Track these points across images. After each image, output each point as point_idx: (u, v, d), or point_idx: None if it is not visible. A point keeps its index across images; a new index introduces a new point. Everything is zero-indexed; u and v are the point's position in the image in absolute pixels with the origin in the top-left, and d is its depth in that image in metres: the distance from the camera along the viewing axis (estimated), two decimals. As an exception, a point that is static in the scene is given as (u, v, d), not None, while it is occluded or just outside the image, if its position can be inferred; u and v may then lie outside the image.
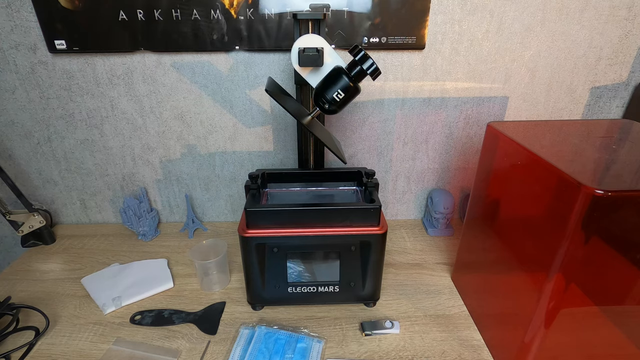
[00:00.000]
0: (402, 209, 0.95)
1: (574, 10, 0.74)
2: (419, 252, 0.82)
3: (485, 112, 0.83)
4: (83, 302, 0.69)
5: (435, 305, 0.68)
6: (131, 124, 0.82)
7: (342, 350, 0.59)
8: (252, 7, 0.71)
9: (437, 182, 0.92)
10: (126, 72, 0.77)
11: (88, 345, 0.60)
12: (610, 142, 0.52)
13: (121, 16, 0.71)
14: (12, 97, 0.79)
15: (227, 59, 0.76)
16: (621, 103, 0.84)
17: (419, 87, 0.80)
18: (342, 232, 0.60)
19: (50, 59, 0.75)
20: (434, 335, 0.62)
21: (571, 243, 0.40)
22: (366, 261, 0.62)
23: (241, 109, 0.81)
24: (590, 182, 0.38)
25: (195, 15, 0.71)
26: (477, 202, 0.64)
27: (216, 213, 0.94)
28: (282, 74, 0.78)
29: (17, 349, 0.58)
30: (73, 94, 0.79)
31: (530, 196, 0.49)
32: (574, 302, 0.45)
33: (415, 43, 0.75)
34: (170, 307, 0.67)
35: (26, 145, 0.84)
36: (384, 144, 0.86)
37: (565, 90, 0.82)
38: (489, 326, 0.61)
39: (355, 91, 0.56)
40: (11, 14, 0.71)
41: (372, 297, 0.67)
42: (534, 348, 0.48)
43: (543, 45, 0.77)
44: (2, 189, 0.82)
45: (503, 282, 0.57)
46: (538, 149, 0.48)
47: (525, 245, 0.50)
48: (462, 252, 0.71)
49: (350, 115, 0.83)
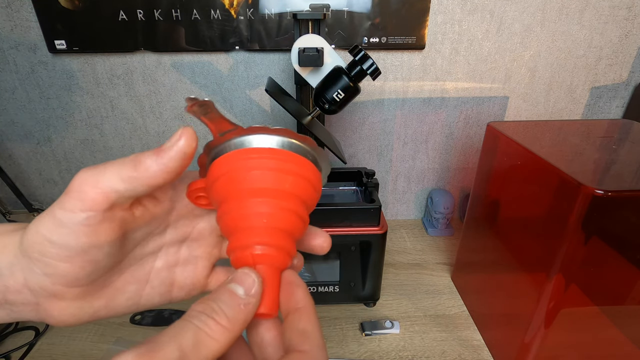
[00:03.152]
0: (402, 209, 0.95)
1: (574, 10, 0.74)
2: (419, 252, 0.82)
3: (485, 112, 0.83)
4: (83, 302, 0.69)
5: (435, 305, 0.68)
6: (131, 124, 0.82)
7: (342, 350, 0.59)
8: (252, 7, 0.71)
9: (437, 182, 0.92)
10: (126, 72, 0.77)
11: (88, 345, 0.60)
12: (610, 142, 0.52)
13: (121, 16, 0.71)
14: (12, 97, 0.79)
15: (227, 59, 0.76)
16: (621, 103, 0.84)
17: (419, 87, 0.80)
18: (342, 232, 0.59)
19: (50, 59, 0.75)
20: (434, 335, 0.62)
21: (571, 243, 0.41)
22: (366, 261, 0.62)
23: (241, 109, 0.81)
24: (590, 182, 0.38)
25: (195, 15, 0.71)
26: (477, 202, 0.64)
27: (216, 213, 0.94)
28: (282, 74, 0.78)
29: (17, 349, 0.58)
30: (73, 94, 0.79)
31: (530, 196, 0.49)
32: (574, 302, 0.45)
33: (415, 43, 0.75)
34: (170, 307, 0.67)
35: (26, 145, 0.84)
36: (384, 144, 0.86)
37: (565, 90, 0.82)
38: (489, 326, 0.61)
39: (355, 91, 0.56)
40: (11, 14, 0.71)
41: (372, 297, 0.66)
42: (534, 348, 0.48)
43: (543, 45, 0.77)
44: (2, 189, 0.82)
45: (503, 282, 0.57)
46: (538, 149, 0.48)
47: (525, 245, 0.50)
48: (462, 252, 0.71)
49: (350, 115, 0.83)
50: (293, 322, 0.22)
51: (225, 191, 0.22)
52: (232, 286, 0.21)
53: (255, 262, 0.22)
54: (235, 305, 0.20)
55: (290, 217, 0.23)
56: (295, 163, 0.23)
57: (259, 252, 0.22)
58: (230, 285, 0.21)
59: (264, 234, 0.22)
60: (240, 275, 0.21)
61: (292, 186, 0.23)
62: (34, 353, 0.58)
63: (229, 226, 0.23)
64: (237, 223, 0.22)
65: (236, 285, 0.21)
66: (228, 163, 0.23)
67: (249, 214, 0.22)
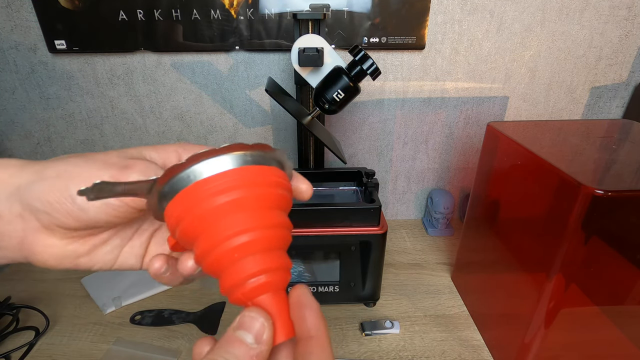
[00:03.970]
0: (402, 209, 0.95)
1: (574, 10, 0.74)
2: (419, 252, 0.82)
3: (485, 112, 0.83)
4: (83, 302, 0.69)
5: (435, 305, 0.68)
6: (131, 124, 0.82)
7: (342, 350, 0.59)
8: (252, 7, 0.71)
9: (437, 182, 0.92)
10: (126, 72, 0.77)
11: (88, 345, 0.60)
12: (610, 142, 0.52)
13: (121, 16, 0.71)
14: (12, 97, 0.79)
15: (227, 59, 0.76)
16: (621, 103, 0.84)
17: (419, 87, 0.80)
18: (342, 232, 0.59)
19: (50, 59, 0.75)
20: (434, 335, 0.62)
21: (571, 243, 0.40)
22: (366, 261, 0.62)
23: (241, 109, 0.81)
24: (590, 182, 0.38)
25: (195, 15, 0.71)
26: (477, 202, 0.64)
27: (216, 213, 0.94)
28: (282, 74, 0.78)
29: (17, 349, 0.58)
30: (73, 94, 0.79)
31: (530, 196, 0.49)
32: (574, 302, 0.45)
33: (415, 43, 0.75)
34: (170, 307, 0.67)
35: (26, 145, 0.84)
36: (384, 144, 0.86)
37: (565, 90, 0.82)
38: (489, 326, 0.61)
39: (355, 91, 0.56)
40: (11, 14, 0.71)
41: (372, 297, 0.66)
42: (534, 348, 0.48)
43: (543, 45, 0.77)
44: (2, 189, 0.82)
45: (503, 282, 0.57)
46: (538, 149, 0.48)
47: (525, 245, 0.50)
48: (462, 252, 0.71)
49: (350, 115, 0.83)
50: (303, 354, 0.20)
51: (194, 232, 0.21)
52: (241, 334, 0.20)
53: (258, 294, 0.21)
54: (247, 357, 0.19)
55: (275, 233, 0.21)
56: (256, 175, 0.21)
57: (258, 284, 0.20)
58: (239, 333, 0.20)
59: (255, 263, 0.20)
60: (247, 320, 0.20)
61: (264, 201, 0.21)
62: (34, 353, 0.58)
63: (215, 267, 0.21)
64: (222, 262, 0.21)
65: (244, 333, 0.20)
66: (187, 201, 0.20)
67: (231, 248, 0.20)
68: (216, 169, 0.20)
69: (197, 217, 0.20)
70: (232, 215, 0.20)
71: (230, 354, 0.19)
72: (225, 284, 0.21)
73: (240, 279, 0.20)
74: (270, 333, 0.20)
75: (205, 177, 0.20)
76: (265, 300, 0.21)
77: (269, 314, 0.20)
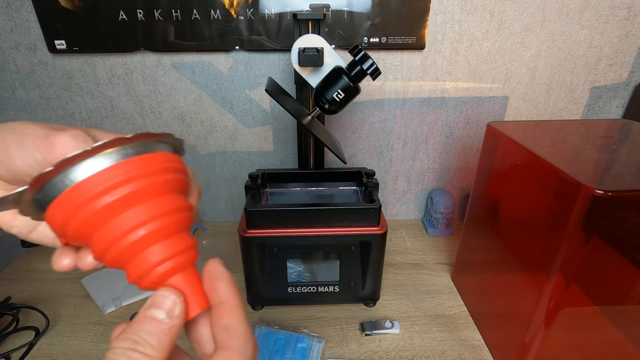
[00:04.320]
0: (402, 209, 0.95)
1: (574, 10, 0.74)
2: (419, 252, 0.82)
3: (485, 112, 0.83)
4: (83, 302, 0.69)
5: (435, 305, 0.68)
6: (131, 124, 0.82)
7: (342, 350, 0.59)
8: (252, 7, 0.71)
9: (437, 182, 0.92)
10: (126, 72, 0.77)
11: (88, 345, 0.60)
12: (610, 142, 0.52)
13: (121, 16, 0.71)
14: (12, 97, 0.79)
15: (227, 59, 0.76)
16: (621, 103, 0.84)
17: (419, 87, 0.80)
18: (342, 232, 0.59)
19: (50, 59, 0.75)
20: (434, 335, 0.62)
21: (571, 243, 0.41)
22: (366, 261, 0.62)
23: (241, 109, 0.81)
24: (590, 182, 0.38)
25: (195, 15, 0.71)
26: (477, 202, 0.64)
27: (216, 213, 0.94)
28: (282, 74, 0.78)
29: (17, 349, 0.58)
30: (73, 94, 0.79)
31: (530, 196, 0.49)
32: (574, 302, 0.45)
33: (415, 43, 0.75)
34: (170, 307, 0.67)
35: (26, 145, 0.84)
36: (384, 144, 0.86)
37: (565, 90, 0.82)
38: (489, 326, 0.61)
39: (355, 91, 0.56)
40: (11, 14, 0.71)
41: (372, 297, 0.66)
42: (534, 348, 0.48)
43: (543, 45, 0.77)
44: (2, 189, 0.82)
45: (503, 282, 0.57)
46: (538, 149, 0.48)
47: (525, 245, 0.50)
48: (462, 252, 0.71)
49: (350, 115, 0.83)
50: (217, 319, 0.22)
51: (85, 234, 0.20)
52: (153, 312, 0.20)
53: (166, 279, 0.21)
54: (159, 331, 0.20)
55: (172, 219, 0.21)
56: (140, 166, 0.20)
57: (164, 270, 0.21)
58: (151, 312, 0.20)
59: (158, 253, 0.20)
60: (159, 299, 0.20)
61: (155, 189, 0.20)
62: (34, 353, 0.58)
63: (117, 263, 0.21)
64: (123, 258, 0.20)
65: (156, 311, 0.20)
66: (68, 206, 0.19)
67: (130, 244, 0.20)
68: (92, 169, 0.19)
69: (83, 221, 0.19)
70: (124, 212, 0.20)
71: (143, 330, 0.20)
72: (131, 276, 0.21)
73: (145, 270, 0.20)
74: (181, 308, 0.21)
75: (82, 179, 0.19)
76: (175, 280, 0.21)
77: (181, 292, 0.21)
